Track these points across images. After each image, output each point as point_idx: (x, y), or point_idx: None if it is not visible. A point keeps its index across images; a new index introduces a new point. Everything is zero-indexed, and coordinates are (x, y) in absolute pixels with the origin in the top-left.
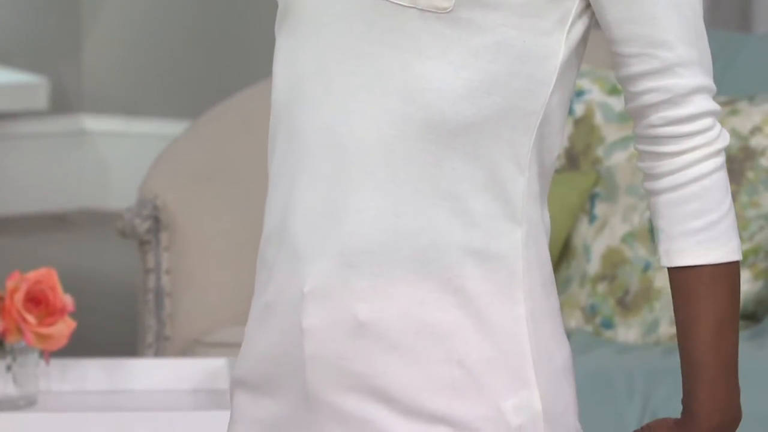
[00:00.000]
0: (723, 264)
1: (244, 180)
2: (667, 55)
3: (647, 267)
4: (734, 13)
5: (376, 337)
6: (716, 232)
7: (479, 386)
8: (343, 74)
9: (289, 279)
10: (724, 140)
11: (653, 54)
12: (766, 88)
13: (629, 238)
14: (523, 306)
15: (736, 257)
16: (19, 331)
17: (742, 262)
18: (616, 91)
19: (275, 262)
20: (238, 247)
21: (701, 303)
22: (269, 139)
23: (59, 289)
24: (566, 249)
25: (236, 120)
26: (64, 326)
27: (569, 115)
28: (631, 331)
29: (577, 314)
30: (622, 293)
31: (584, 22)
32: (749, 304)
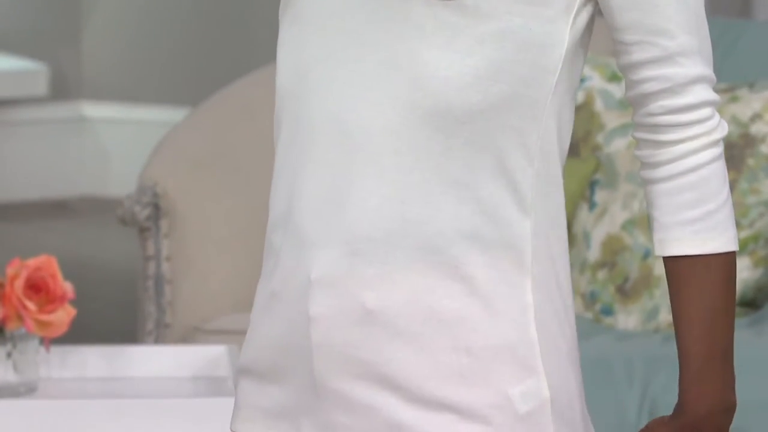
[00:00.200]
0: (719, 254)
1: (245, 167)
2: (668, 44)
3: (647, 254)
4: None
5: (383, 324)
6: (713, 222)
7: (487, 374)
8: (349, 62)
9: (295, 267)
10: (722, 130)
11: (654, 42)
12: (766, 75)
13: (629, 225)
14: (531, 295)
15: (733, 248)
16: (20, 318)
17: (742, 249)
18: (617, 78)
19: (281, 249)
20: (238, 234)
21: (693, 292)
22: (274, 127)
23: (59, 276)
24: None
25: (236, 107)
26: (65, 313)
27: None
28: (631, 318)
29: (577, 301)
30: (622, 280)
31: (589, 11)
32: (749, 291)
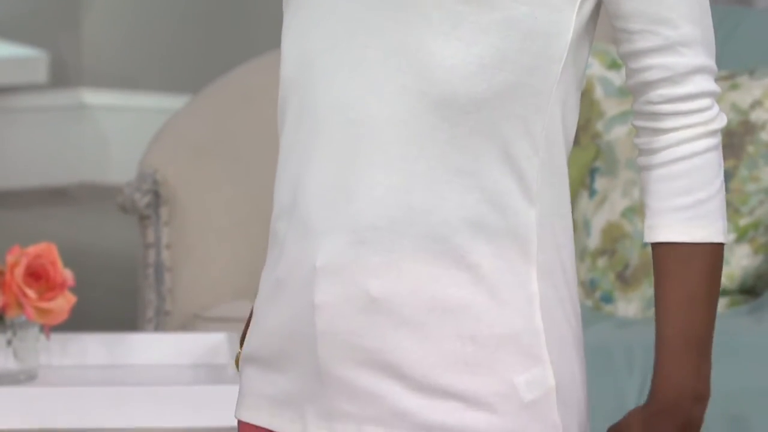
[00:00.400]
0: (705, 244)
1: (245, 154)
2: (670, 33)
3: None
4: None
5: (389, 313)
6: (702, 211)
7: (492, 362)
8: (355, 50)
9: (300, 255)
10: (721, 121)
11: (656, 31)
12: (766, 62)
13: (629, 212)
14: (536, 284)
15: (720, 239)
16: (20, 305)
17: (742, 236)
18: (616, 66)
19: (286, 237)
20: (238, 222)
21: (676, 279)
22: (278, 115)
23: (59, 263)
24: None
25: (237, 94)
26: (65, 301)
27: None
28: (631, 305)
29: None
30: (622, 268)
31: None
32: (749, 278)
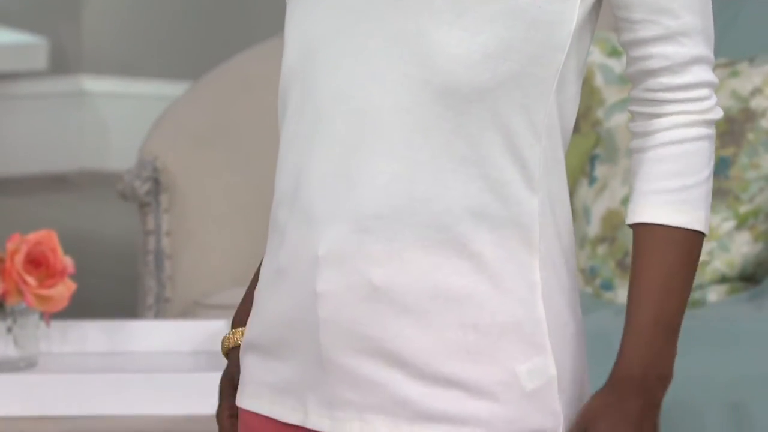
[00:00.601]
0: (686, 230)
1: (245, 141)
2: (671, 23)
3: None
4: None
5: (391, 301)
6: (686, 197)
7: (494, 351)
8: (358, 38)
9: (302, 243)
10: (716, 113)
11: (657, 21)
12: (766, 49)
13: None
14: (538, 273)
15: (700, 228)
16: (20, 292)
17: (742, 223)
18: (617, 53)
19: (287, 225)
20: (238, 209)
21: (653, 261)
22: (279, 104)
23: (59, 250)
24: None
25: (237, 81)
26: (65, 288)
27: None
28: None
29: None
30: (622, 255)
31: None
32: (749, 265)
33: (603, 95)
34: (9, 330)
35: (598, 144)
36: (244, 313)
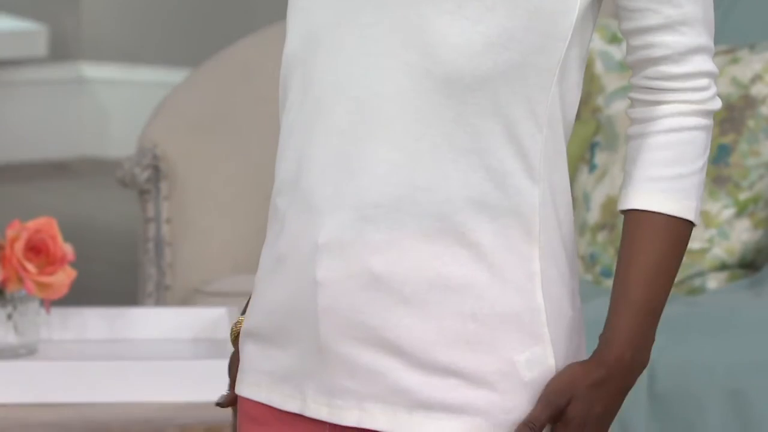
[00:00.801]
0: (674, 218)
1: (245, 129)
2: (672, 12)
3: None
4: None
5: (390, 290)
6: (679, 185)
7: (492, 340)
8: (360, 26)
9: (302, 231)
10: (715, 104)
11: (658, 10)
12: (766, 36)
13: None
14: (538, 263)
15: (690, 217)
16: (20, 279)
17: (742, 210)
18: (617, 40)
19: (288, 213)
20: (238, 196)
21: (642, 246)
22: (280, 91)
23: (59, 237)
24: None
25: (236, 68)
26: (65, 275)
27: None
28: None
29: None
30: None
31: None
32: (749, 252)
33: (603, 82)
34: (9, 317)
35: (598, 131)
36: None
